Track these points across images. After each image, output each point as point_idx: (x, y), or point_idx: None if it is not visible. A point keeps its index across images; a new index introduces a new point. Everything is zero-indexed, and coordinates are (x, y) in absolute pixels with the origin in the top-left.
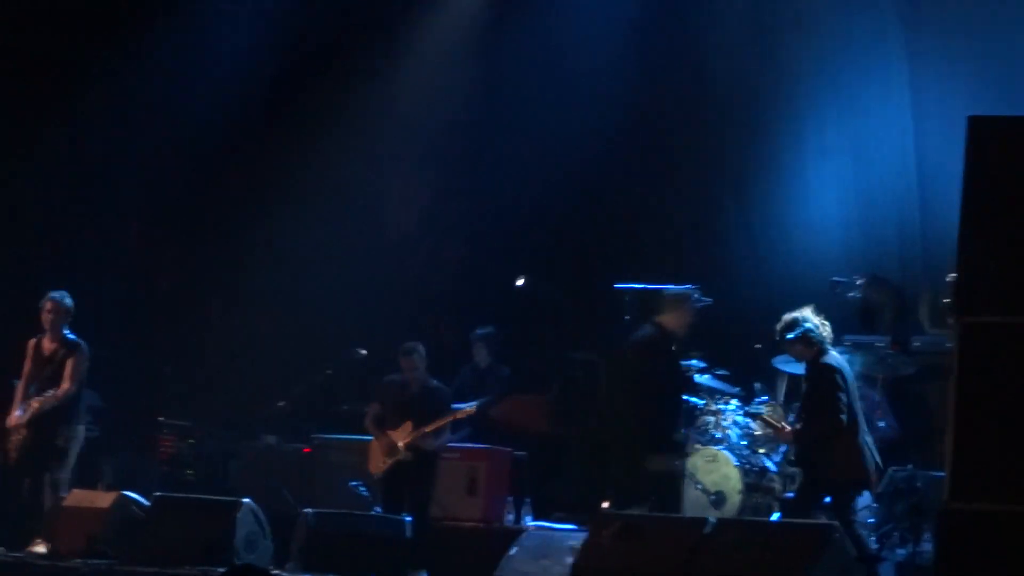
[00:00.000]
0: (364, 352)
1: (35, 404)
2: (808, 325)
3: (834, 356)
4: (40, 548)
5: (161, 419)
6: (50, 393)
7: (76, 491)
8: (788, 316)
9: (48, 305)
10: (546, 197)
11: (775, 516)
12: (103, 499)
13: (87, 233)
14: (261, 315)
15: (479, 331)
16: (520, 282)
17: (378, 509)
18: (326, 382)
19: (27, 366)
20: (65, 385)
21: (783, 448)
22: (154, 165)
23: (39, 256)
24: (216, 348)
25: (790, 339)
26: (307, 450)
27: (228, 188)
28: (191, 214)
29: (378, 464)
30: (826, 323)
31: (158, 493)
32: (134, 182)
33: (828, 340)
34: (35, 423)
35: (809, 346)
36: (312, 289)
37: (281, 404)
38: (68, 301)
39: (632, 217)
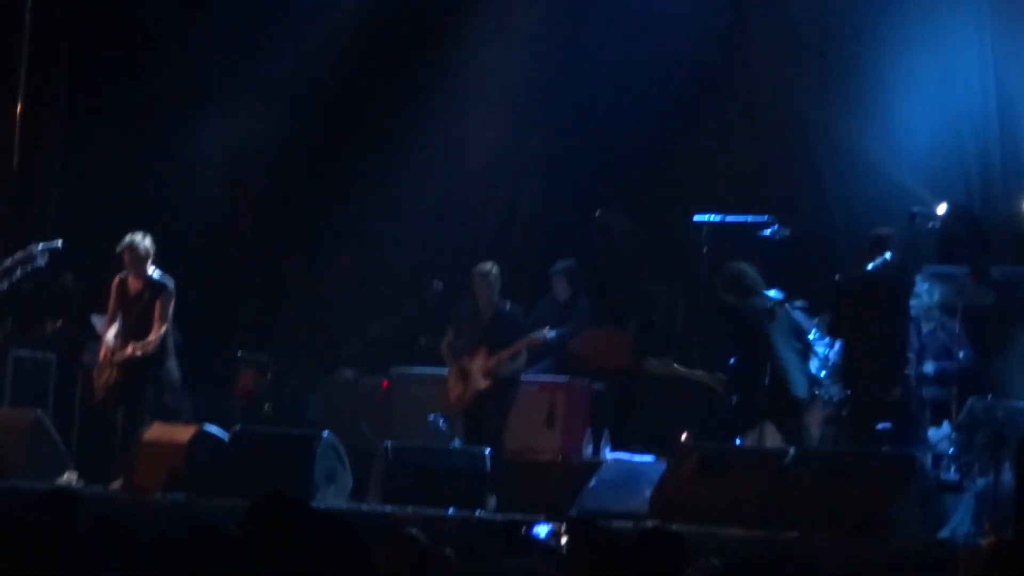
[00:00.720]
0: (442, 285)
1: (128, 350)
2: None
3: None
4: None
5: (240, 354)
6: (147, 341)
7: (156, 425)
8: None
9: (126, 252)
10: (625, 127)
11: None
12: (182, 433)
13: (171, 170)
14: (341, 250)
15: (559, 265)
16: (598, 214)
17: (457, 443)
18: (405, 316)
19: (111, 304)
20: (156, 329)
21: None
22: (237, 104)
23: (123, 190)
24: (295, 283)
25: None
26: (386, 384)
27: (309, 125)
28: (272, 151)
29: (456, 394)
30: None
31: (237, 427)
32: (218, 121)
33: (756, 283)
34: (126, 366)
35: (740, 294)
36: (392, 223)
37: (359, 338)
38: (146, 243)
39: (711, 148)
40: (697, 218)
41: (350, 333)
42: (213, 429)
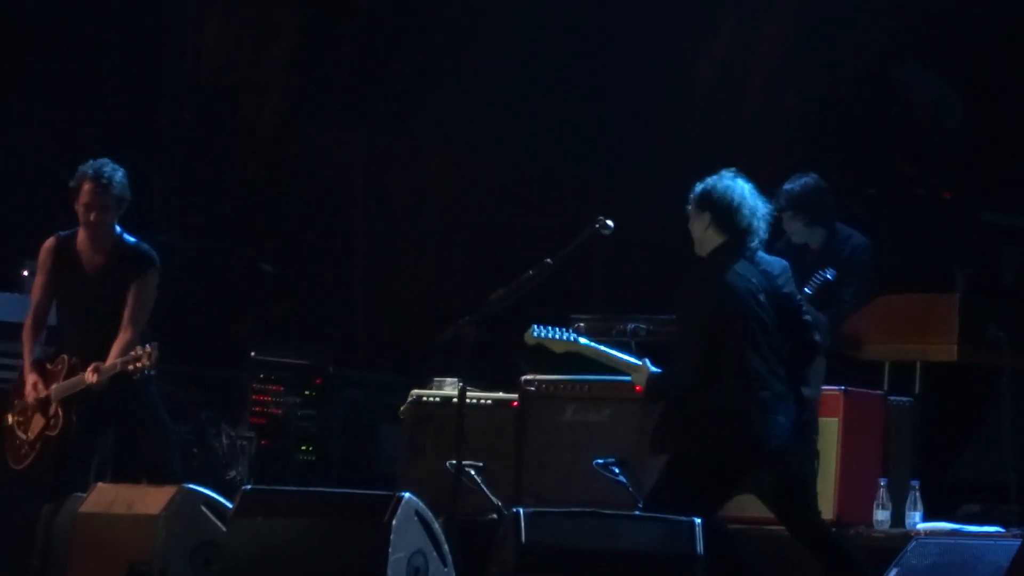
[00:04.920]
0: (612, 225)
1: (103, 365)
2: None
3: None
4: None
5: (254, 355)
6: (139, 354)
7: (102, 487)
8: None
9: (88, 189)
10: None
11: None
12: (151, 499)
13: None
14: (439, 163)
15: (786, 186)
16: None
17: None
18: (546, 279)
19: (42, 283)
20: (129, 329)
21: None
22: None
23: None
24: (355, 224)
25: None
26: (515, 404)
27: None
28: None
29: None
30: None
31: (248, 487)
32: None
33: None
34: (87, 394)
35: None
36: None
37: (466, 321)
38: (123, 180)
39: None
40: None
41: (451, 314)
42: (204, 490)
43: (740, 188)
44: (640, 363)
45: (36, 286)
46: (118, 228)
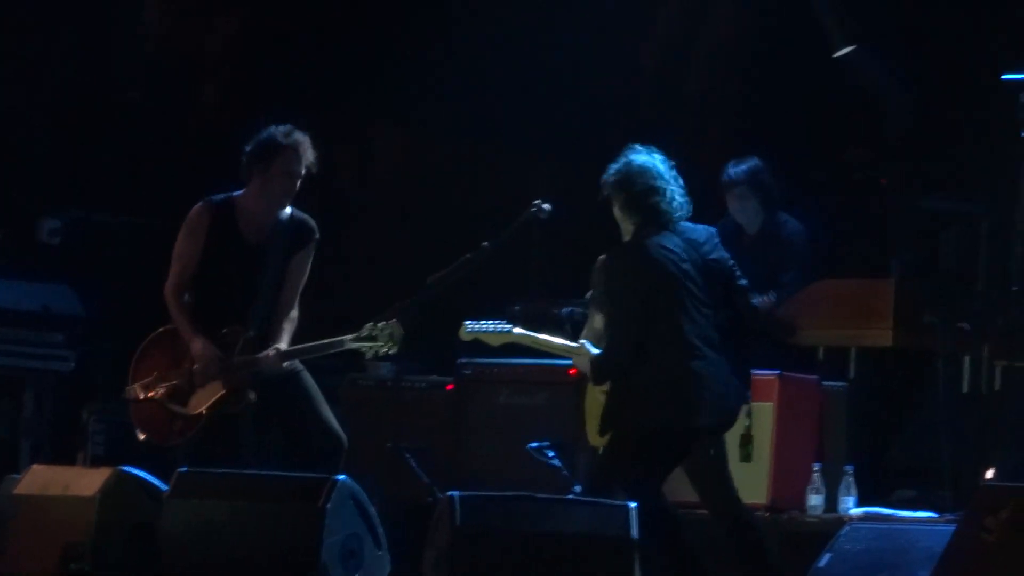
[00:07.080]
0: (549, 207)
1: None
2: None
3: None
4: None
5: None
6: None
7: (37, 468)
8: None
9: (292, 156)
10: None
11: None
12: (85, 481)
13: None
14: (382, 143)
15: (739, 167)
16: (844, 53)
17: (579, 488)
18: (484, 263)
19: (189, 257)
20: (295, 313)
21: None
22: None
23: None
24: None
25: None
26: (451, 387)
27: None
28: None
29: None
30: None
31: (184, 469)
32: None
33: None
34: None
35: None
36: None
37: (402, 303)
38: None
39: None
40: (1010, 77)
41: (387, 297)
42: (140, 472)
43: (651, 164)
44: (578, 345)
45: (184, 253)
46: None
